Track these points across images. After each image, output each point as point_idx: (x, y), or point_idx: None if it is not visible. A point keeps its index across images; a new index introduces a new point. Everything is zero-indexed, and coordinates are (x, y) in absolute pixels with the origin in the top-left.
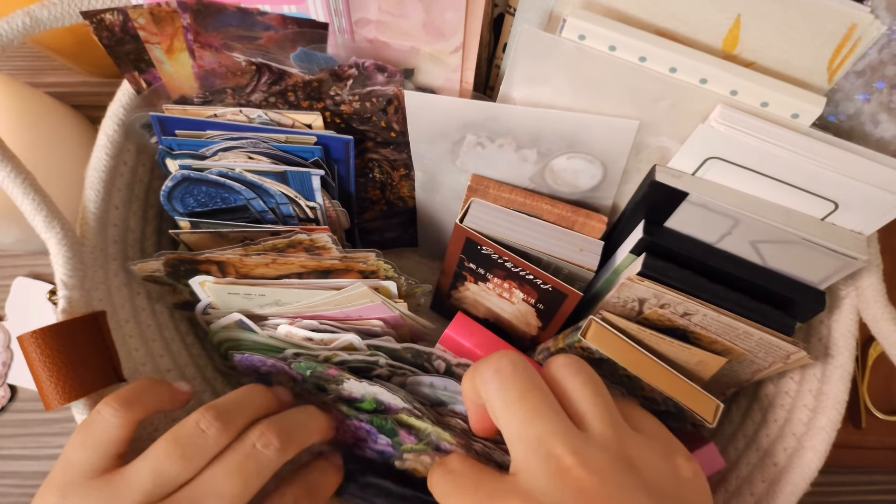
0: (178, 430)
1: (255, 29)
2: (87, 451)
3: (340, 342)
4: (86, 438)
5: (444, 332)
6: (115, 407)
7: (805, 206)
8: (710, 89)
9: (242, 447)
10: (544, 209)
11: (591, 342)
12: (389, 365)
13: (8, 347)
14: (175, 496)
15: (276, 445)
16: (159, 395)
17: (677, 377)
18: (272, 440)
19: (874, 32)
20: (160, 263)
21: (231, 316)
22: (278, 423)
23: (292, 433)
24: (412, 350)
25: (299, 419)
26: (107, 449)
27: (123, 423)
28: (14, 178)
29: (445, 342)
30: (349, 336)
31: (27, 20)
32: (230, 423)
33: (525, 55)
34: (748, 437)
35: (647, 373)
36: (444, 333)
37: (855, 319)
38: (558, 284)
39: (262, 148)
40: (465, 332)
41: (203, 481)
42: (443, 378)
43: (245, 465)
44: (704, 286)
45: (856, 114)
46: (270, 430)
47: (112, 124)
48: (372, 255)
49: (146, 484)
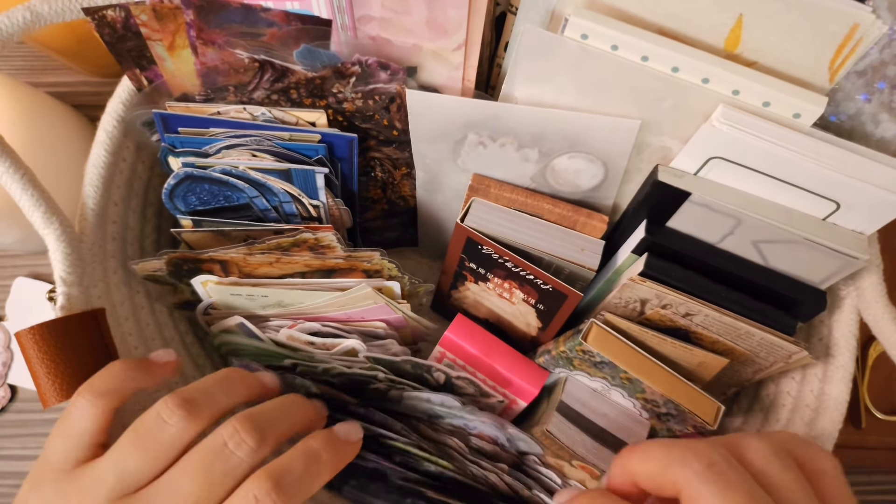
0: (140, 420)
1: (259, 26)
2: (63, 442)
3: (342, 347)
4: (62, 430)
5: (444, 333)
6: (87, 397)
7: (806, 205)
8: (712, 89)
9: (212, 444)
10: (545, 209)
11: (592, 345)
12: (389, 379)
13: (8, 348)
14: (138, 494)
15: (249, 445)
16: (135, 376)
17: (678, 379)
18: (245, 439)
19: (875, 32)
20: (162, 262)
21: (232, 318)
22: (254, 418)
23: (270, 429)
24: (411, 362)
25: (280, 411)
26: (82, 440)
27: (97, 412)
28: (13, 173)
29: (445, 344)
30: (351, 341)
31: (27, 15)
32: (195, 412)
33: (527, 54)
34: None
35: (648, 375)
36: (444, 335)
37: (856, 319)
38: (558, 285)
39: (265, 146)
40: (465, 334)
41: (165, 480)
42: (440, 394)
43: (212, 465)
44: (706, 286)
45: (857, 114)
46: (244, 427)
47: (111, 121)
48: (376, 254)
49: (110, 478)
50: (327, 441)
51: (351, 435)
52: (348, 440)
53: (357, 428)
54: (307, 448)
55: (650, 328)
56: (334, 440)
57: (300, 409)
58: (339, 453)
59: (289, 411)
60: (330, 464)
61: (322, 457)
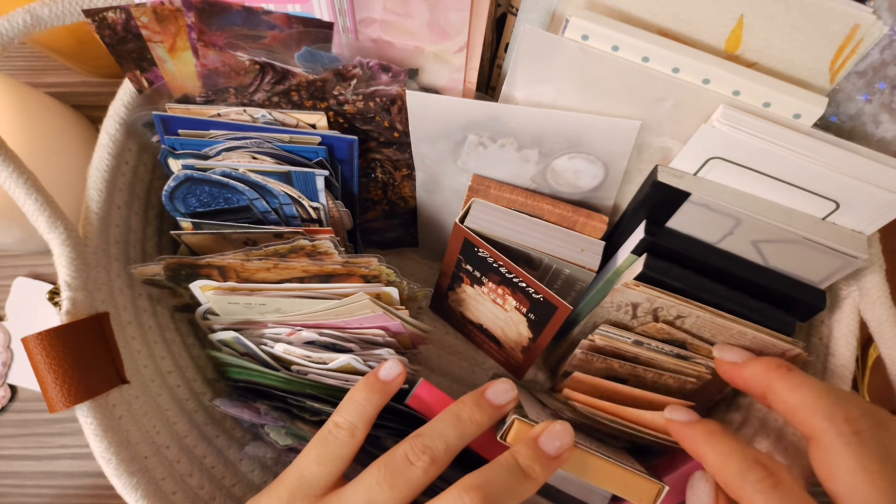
0: (388, 456)
1: (260, 28)
2: (323, 466)
3: (338, 362)
4: (324, 453)
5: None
6: (346, 428)
7: (806, 205)
8: (713, 89)
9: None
10: (545, 209)
11: (511, 443)
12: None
13: (8, 347)
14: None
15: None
16: (375, 399)
17: (615, 466)
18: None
19: (876, 33)
20: (160, 267)
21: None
22: (484, 489)
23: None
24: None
25: (509, 485)
26: (338, 465)
27: (355, 443)
28: (16, 178)
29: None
30: (347, 357)
31: (28, 18)
32: (437, 458)
33: (527, 55)
34: (748, 437)
35: (581, 469)
36: (411, 397)
37: (856, 319)
38: (549, 295)
39: (265, 148)
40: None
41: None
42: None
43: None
44: (705, 286)
45: (857, 114)
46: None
47: (114, 123)
48: (374, 259)
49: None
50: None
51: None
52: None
53: (565, 431)
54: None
55: (648, 338)
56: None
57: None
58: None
59: (517, 489)
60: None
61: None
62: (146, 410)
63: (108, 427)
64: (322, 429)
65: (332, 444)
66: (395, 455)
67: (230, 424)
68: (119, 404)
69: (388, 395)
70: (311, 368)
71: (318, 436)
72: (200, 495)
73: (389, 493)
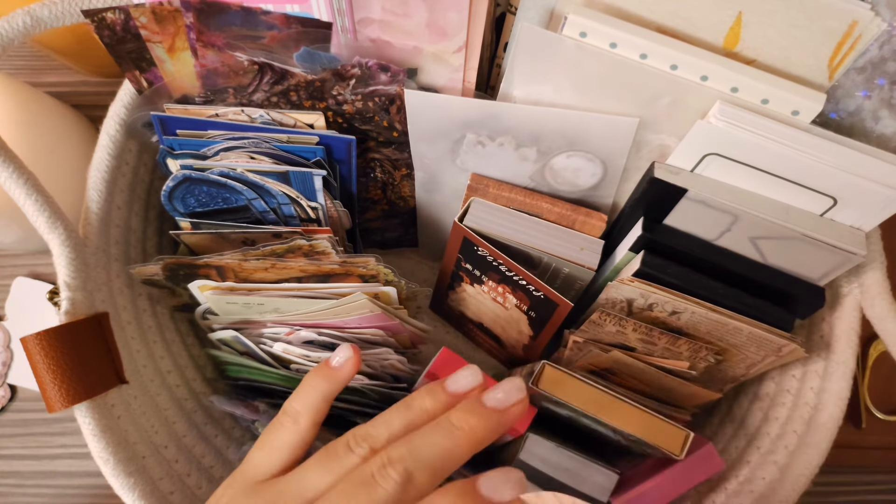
0: (332, 444)
1: (259, 28)
2: (263, 452)
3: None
4: (264, 441)
5: (428, 368)
6: (291, 414)
7: (804, 202)
8: (711, 86)
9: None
10: (544, 208)
11: (545, 388)
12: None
13: (8, 347)
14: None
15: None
16: (325, 386)
17: (641, 411)
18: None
19: (875, 29)
20: (158, 267)
21: (226, 332)
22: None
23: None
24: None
25: (439, 445)
26: (282, 452)
27: (298, 429)
28: (16, 178)
29: (430, 377)
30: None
31: (28, 19)
32: (376, 446)
33: (525, 53)
34: (749, 436)
35: (608, 413)
36: (428, 370)
37: (857, 316)
38: (550, 293)
39: (264, 148)
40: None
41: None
42: None
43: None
44: (703, 283)
45: (856, 110)
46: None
47: (114, 124)
48: (372, 259)
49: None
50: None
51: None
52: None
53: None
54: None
55: (642, 323)
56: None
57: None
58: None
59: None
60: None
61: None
62: (145, 410)
63: (107, 427)
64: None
65: (276, 432)
66: (337, 443)
67: (229, 424)
68: (118, 404)
69: (339, 382)
70: (311, 368)
71: (268, 424)
72: (198, 495)
73: (327, 478)
